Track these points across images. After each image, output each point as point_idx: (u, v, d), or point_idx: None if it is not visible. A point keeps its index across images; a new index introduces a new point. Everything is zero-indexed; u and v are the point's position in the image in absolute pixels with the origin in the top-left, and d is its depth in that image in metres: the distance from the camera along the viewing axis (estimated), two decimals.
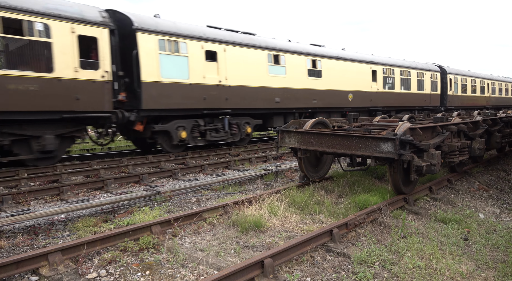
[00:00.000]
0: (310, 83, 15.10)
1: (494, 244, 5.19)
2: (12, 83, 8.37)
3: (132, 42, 10.33)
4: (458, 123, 7.47)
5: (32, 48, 8.80)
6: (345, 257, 4.33)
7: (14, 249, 4.65)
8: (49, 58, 8.92)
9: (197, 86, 11.55)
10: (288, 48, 14.40)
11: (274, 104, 13.89)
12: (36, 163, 9.42)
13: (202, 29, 11.95)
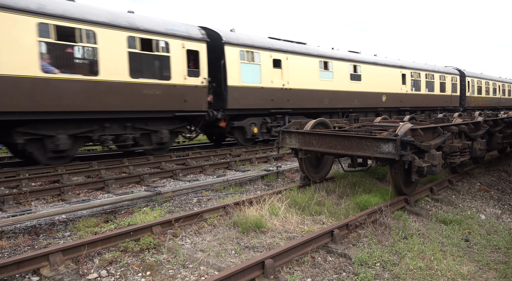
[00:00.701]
0: (352, 86, 17.11)
1: (495, 245, 5.19)
2: (145, 88, 10.62)
3: (220, 53, 12.48)
4: (459, 124, 7.46)
5: (158, 61, 11.13)
6: (346, 258, 4.32)
7: (15, 249, 4.65)
8: (168, 68, 11.14)
9: (266, 89, 13.76)
10: (334, 56, 16.52)
11: (323, 105, 15.86)
12: (153, 152, 11.58)
13: (270, 41, 14.20)
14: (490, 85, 29.54)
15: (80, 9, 9.51)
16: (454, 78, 24.99)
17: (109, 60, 9.87)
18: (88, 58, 10.07)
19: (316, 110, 15.64)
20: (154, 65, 11.03)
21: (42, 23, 8.73)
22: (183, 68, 11.42)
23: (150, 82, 10.73)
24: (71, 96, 9.30)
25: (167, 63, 11.06)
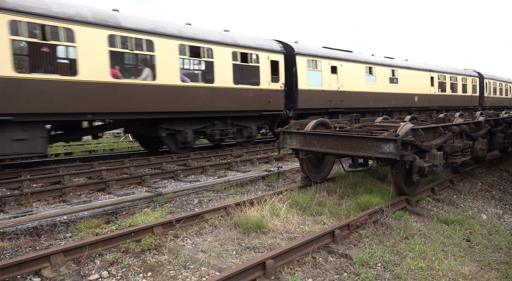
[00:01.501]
0: (390, 88, 19.38)
1: (496, 245, 5.17)
2: (243, 93, 13.01)
3: (292, 62, 14.71)
4: (460, 124, 7.45)
5: (251, 70, 13.47)
6: (347, 258, 4.32)
7: (17, 250, 4.66)
8: (258, 76, 13.58)
9: (326, 91, 15.94)
10: (377, 62, 18.75)
11: (368, 105, 18.08)
12: (243, 144, 13.83)
13: (328, 50, 16.53)
14: (503, 86, 32.30)
15: (203, 32, 12.20)
16: (474, 80, 27.29)
17: (221, 70, 12.36)
18: (207, 69, 12.45)
19: (363, 109, 17.67)
20: (248, 74, 13.45)
21: (181, 44, 11.35)
22: (268, 75, 13.91)
23: (246, 87, 13.20)
24: (196, 99, 11.78)
25: (257, 72, 13.58)
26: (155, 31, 10.67)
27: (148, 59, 10.83)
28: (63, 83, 9.08)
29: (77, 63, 9.28)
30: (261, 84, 13.57)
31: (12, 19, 8.19)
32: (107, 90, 9.74)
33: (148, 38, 10.51)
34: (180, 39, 11.22)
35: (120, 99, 10.01)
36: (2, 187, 7.85)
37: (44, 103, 8.78)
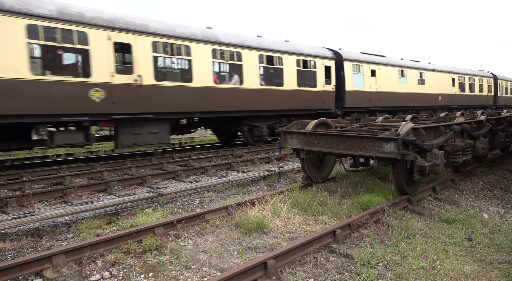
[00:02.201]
0: (418, 89, 21.40)
1: (498, 244, 5.16)
2: (304, 94, 15.21)
3: (340, 67, 16.85)
4: (461, 123, 7.43)
5: (309, 74, 15.57)
6: (349, 258, 4.31)
7: (18, 251, 4.67)
8: (315, 79, 15.72)
9: (367, 92, 18.00)
10: (407, 65, 20.83)
11: (401, 104, 20.08)
12: None
13: (369, 56, 18.72)
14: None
15: (274, 43, 14.37)
16: (489, 80, 29.59)
17: (288, 75, 14.59)
18: (278, 75, 14.50)
19: (396, 108, 19.83)
20: (308, 78, 15.51)
21: (260, 54, 13.57)
22: (323, 79, 15.99)
23: (306, 89, 15.30)
24: (270, 100, 13.97)
25: (315, 76, 15.71)
26: (242, 45, 13.03)
27: (237, 68, 13.05)
28: (183, 88, 11.50)
29: (192, 72, 11.66)
30: (317, 86, 15.82)
31: (154, 40, 10.79)
32: (210, 93, 12.13)
33: (238, 50, 12.86)
34: (259, 50, 13.58)
35: (218, 101, 12.35)
36: (3, 188, 7.87)
37: (170, 104, 11.14)
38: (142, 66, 10.40)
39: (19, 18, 8.50)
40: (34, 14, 8.70)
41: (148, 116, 10.65)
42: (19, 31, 8.50)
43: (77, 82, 9.42)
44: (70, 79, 9.35)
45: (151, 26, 10.73)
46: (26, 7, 8.60)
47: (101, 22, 9.70)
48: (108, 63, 9.76)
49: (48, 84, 8.94)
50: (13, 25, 8.42)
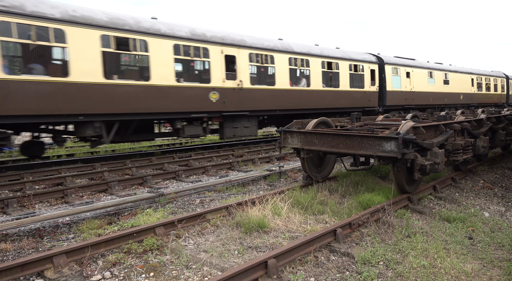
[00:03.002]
0: (444, 88, 23.59)
1: (499, 242, 5.16)
2: (355, 94, 17.30)
3: (382, 70, 19.02)
4: (462, 122, 7.43)
5: (359, 77, 17.58)
6: (349, 257, 4.32)
7: (20, 252, 4.68)
8: (363, 81, 17.77)
9: (403, 92, 20.15)
10: (435, 67, 23.07)
11: (429, 102, 22.03)
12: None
13: (404, 60, 20.81)
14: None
15: (333, 51, 16.76)
16: (502, 80, 32.02)
17: (343, 78, 16.80)
18: (335, 78, 16.65)
19: (426, 106, 21.27)
20: (357, 80, 17.54)
21: (323, 61, 15.81)
22: (369, 81, 18.12)
23: (356, 90, 17.38)
24: (329, 99, 15.99)
25: (362, 78, 17.78)
26: (309, 53, 15.31)
27: (305, 72, 15.38)
28: (269, 90, 13.87)
29: (275, 77, 13.97)
30: (364, 87, 17.91)
31: (250, 52, 13.21)
32: (287, 94, 14.33)
33: (306, 58, 15.11)
34: (321, 57, 15.82)
35: (292, 100, 14.60)
36: (4, 189, 7.88)
37: (260, 103, 13.53)
38: (242, 73, 12.91)
39: (169, 40, 11.11)
40: (178, 36, 11.31)
41: (245, 113, 13.15)
42: (169, 50, 11.07)
43: (202, 87, 11.92)
44: (197, 85, 11.91)
45: (247, 41, 13.23)
46: (172, 31, 11.27)
47: (216, 39, 12.24)
48: (221, 72, 12.30)
49: (184, 89, 11.45)
50: (166, 46, 11.05)
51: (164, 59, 10.93)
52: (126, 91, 10.17)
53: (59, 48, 9.58)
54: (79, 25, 9.34)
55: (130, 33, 10.25)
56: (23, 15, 8.47)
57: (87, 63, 9.49)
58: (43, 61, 9.38)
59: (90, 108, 9.59)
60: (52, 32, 8.91)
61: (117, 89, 10.03)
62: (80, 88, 9.38)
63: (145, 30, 10.57)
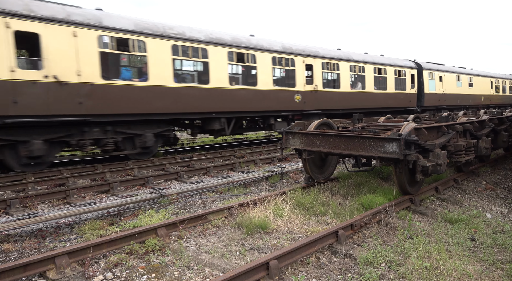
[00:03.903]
0: (469, 91, 26.60)
1: (501, 244, 5.15)
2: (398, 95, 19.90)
3: (420, 74, 21.66)
4: (464, 123, 7.41)
5: (401, 81, 20.18)
6: (351, 258, 4.31)
7: (22, 252, 4.69)
8: (404, 84, 20.37)
9: (437, 94, 22.96)
10: (461, 71, 26.07)
11: (457, 103, 24.90)
12: None
13: (436, 65, 23.59)
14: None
15: (383, 59, 19.46)
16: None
17: (390, 82, 19.48)
18: (383, 81, 19.16)
19: (454, 107, 24.03)
20: (400, 83, 20.25)
21: (375, 67, 18.53)
22: (409, 84, 20.74)
23: (400, 92, 20.19)
24: (379, 100, 18.76)
25: (405, 82, 20.46)
26: (365, 61, 18.10)
27: (360, 77, 17.87)
28: (335, 93, 16.71)
29: (340, 81, 16.84)
30: (406, 89, 20.55)
31: (322, 61, 16.00)
32: (347, 96, 17.08)
33: (362, 65, 17.87)
34: (374, 64, 18.50)
35: (351, 101, 17.18)
36: (7, 189, 7.91)
37: (329, 103, 16.31)
38: (317, 78, 15.83)
39: (268, 53, 13.95)
40: (274, 50, 14.13)
41: (318, 112, 15.68)
42: (269, 61, 13.89)
43: (289, 90, 14.74)
44: (287, 89, 14.66)
45: (320, 52, 16.15)
46: (271, 46, 14.07)
47: (299, 51, 15.14)
48: (302, 78, 15.21)
49: (278, 92, 14.35)
50: (267, 58, 13.78)
51: (266, 68, 13.83)
52: (242, 94, 13.14)
53: (204, 62, 12.35)
54: (215, 44, 12.29)
55: (244, 49, 13.16)
56: (184, 39, 11.53)
57: (220, 73, 12.45)
58: (194, 72, 13.18)
59: (220, 107, 12.48)
60: (200, 51, 11.96)
61: (236, 92, 12.98)
62: (215, 92, 12.31)
63: (253, 46, 13.47)
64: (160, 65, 10.98)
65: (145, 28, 10.81)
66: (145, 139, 11.07)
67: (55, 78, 9.15)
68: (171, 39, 11.22)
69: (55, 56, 9.19)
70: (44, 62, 9.06)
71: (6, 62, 8.60)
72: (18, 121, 8.87)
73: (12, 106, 8.66)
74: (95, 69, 9.81)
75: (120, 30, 10.24)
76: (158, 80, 10.96)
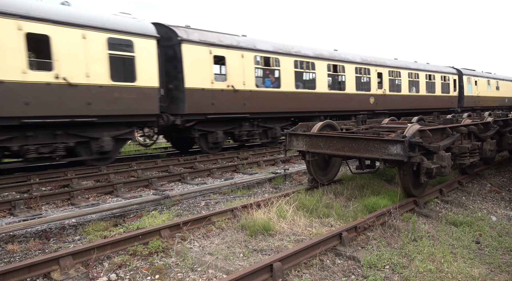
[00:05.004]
0: (496, 93, 30.23)
1: (507, 247, 5.11)
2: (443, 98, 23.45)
3: (460, 79, 25.28)
4: (468, 125, 7.38)
5: (446, 85, 23.95)
6: (355, 260, 4.30)
7: (26, 253, 4.71)
8: (448, 88, 24.19)
9: (473, 96, 26.43)
10: (490, 76, 29.47)
11: (488, 104, 28.07)
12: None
13: (472, 71, 27.15)
14: None
15: (433, 66, 22.91)
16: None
17: (437, 86, 23.05)
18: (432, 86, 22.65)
19: (485, 108, 26.29)
20: (445, 87, 23.80)
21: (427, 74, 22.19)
22: (452, 88, 24.28)
23: (445, 95, 23.64)
24: (429, 101, 22.08)
25: (449, 86, 24.02)
26: (419, 69, 21.52)
27: (416, 83, 21.29)
28: (398, 95, 20.09)
29: (401, 87, 20.28)
30: (450, 93, 24.13)
31: (389, 70, 19.59)
32: (407, 98, 20.59)
33: (416, 72, 21.24)
34: (425, 71, 21.95)
35: (410, 102, 20.73)
36: (12, 190, 7.95)
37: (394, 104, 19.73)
38: (384, 84, 19.22)
39: (352, 64, 17.35)
40: (356, 61, 17.60)
41: (385, 111, 19.05)
42: (353, 70, 17.41)
43: (366, 94, 18.16)
44: (364, 93, 18.09)
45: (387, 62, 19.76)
46: (354, 59, 17.58)
47: (373, 62, 18.56)
48: (375, 83, 18.62)
49: (358, 95, 17.73)
50: (352, 68, 17.35)
51: (350, 76, 17.41)
52: (335, 97, 16.67)
53: (312, 73, 15.79)
54: (319, 59, 15.79)
55: (337, 62, 16.64)
56: (300, 55, 15.10)
57: (322, 81, 15.96)
58: (305, 81, 16.12)
59: (321, 107, 15.92)
60: (310, 64, 15.46)
61: (332, 96, 16.53)
62: (319, 96, 15.83)
63: (342, 59, 16.89)
64: (287, 75, 14.57)
65: (279, 49, 14.39)
66: (275, 131, 14.66)
67: (232, 87, 12.78)
68: (293, 56, 14.80)
69: (231, 72, 12.85)
70: (228, 76, 12.81)
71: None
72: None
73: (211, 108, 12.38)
74: (252, 81, 13.41)
75: (265, 51, 13.85)
76: (286, 87, 14.52)
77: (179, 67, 11.57)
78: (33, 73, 8.80)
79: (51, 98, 9.00)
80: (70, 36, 9.26)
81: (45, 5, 9.15)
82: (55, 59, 9.05)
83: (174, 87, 11.73)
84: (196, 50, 11.84)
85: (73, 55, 9.32)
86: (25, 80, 8.61)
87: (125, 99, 10.26)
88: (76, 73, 9.35)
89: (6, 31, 8.34)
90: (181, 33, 11.69)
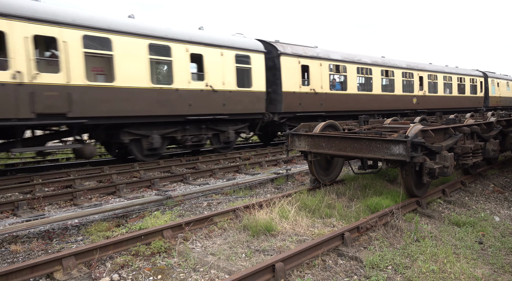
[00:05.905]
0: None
1: (510, 247, 5.09)
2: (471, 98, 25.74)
3: (486, 82, 27.41)
4: (471, 125, 7.36)
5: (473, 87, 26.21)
6: (357, 261, 4.29)
7: (29, 253, 4.73)
8: (476, 89, 26.54)
9: (496, 97, 28.60)
10: (509, 78, 31.98)
11: (508, 104, 30.57)
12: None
13: (494, 73, 29.40)
14: None
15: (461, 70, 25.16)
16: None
17: (467, 88, 25.32)
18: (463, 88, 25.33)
19: (506, 107, 29.05)
20: (473, 88, 25.93)
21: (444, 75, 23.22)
22: (478, 89, 26.36)
23: (472, 95, 25.62)
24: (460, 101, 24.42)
25: (476, 87, 26.10)
26: (451, 72, 23.73)
27: (449, 85, 23.44)
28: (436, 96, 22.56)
29: (437, 88, 22.35)
30: (477, 93, 26.18)
31: (428, 74, 21.67)
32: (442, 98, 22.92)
33: (450, 75, 23.44)
34: (456, 74, 24.18)
35: (445, 102, 22.85)
36: (15, 191, 7.98)
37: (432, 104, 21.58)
38: (425, 86, 21.38)
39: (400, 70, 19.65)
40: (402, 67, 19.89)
41: (425, 110, 20.50)
42: (400, 74, 19.59)
43: (410, 95, 20.24)
44: (408, 94, 20.15)
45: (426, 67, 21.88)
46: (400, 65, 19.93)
47: (415, 67, 20.86)
48: (417, 86, 20.80)
49: (404, 96, 19.95)
50: (399, 73, 19.62)
51: (398, 80, 19.58)
52: (386, 98, 18.95)
53: (369, 78, 18.00)
54: (375, 65, 18.18)
55: (388, 67, 19.03)
56: (360, 63, 17.49)
57: (377, 84, 18.39)
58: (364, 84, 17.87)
59: (376, 107, 18.24)
60: (368, 70, 17.86)
61: (384, 97, 18.76)
62: (375, 97, 18.18)
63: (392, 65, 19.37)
64: (352, 80, 17.09)
65: (345, 58, 16.86)
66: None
67: (313, 90, 15.28)
68: (356, 63, 17.27)
69: (313, 78, 15.39)
70: (310, 81, 15.36)
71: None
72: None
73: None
74: (327, 85, 15.94)
75: (336, 60, 16.35)
76: (351, 90, 17.07)
77: (277, 75, 14.29)
78: (194, 82, 11.91)
79: (203, 100, 11.96)
80: (214, 54, 12.26)
81: (199, 31, 12.51)
82: (206, 72, 12.08)
83: (272, 91, 14.31)
84: (289, 60, 14.62)
85: (215, 68, 12.26)
86: (189, 88, 11.67)
87: (244, 101, 13.08)
88: (217, 81, 12.25)
89: (179, 52, 11.41)
90: (280, 47, 14.51)
